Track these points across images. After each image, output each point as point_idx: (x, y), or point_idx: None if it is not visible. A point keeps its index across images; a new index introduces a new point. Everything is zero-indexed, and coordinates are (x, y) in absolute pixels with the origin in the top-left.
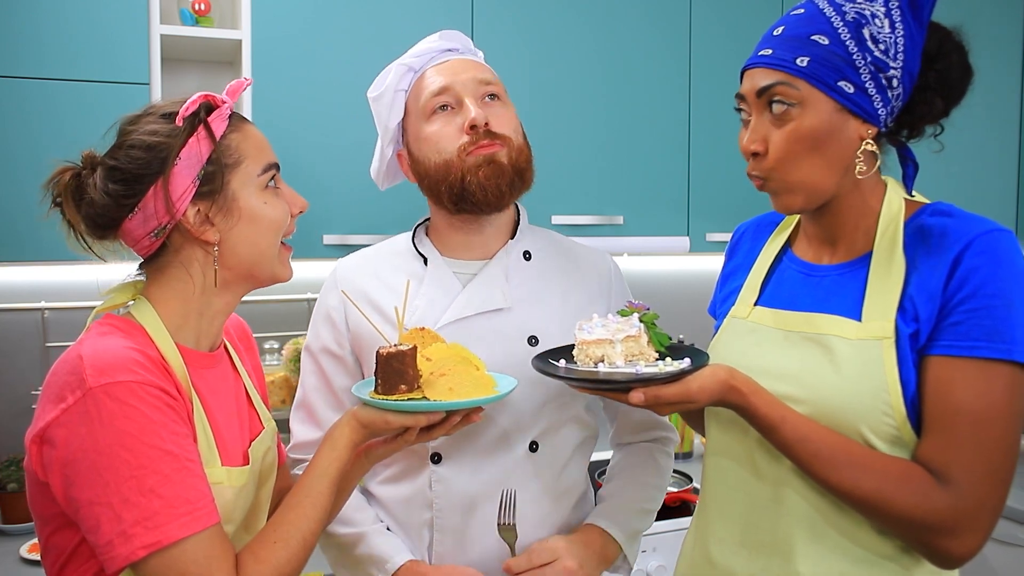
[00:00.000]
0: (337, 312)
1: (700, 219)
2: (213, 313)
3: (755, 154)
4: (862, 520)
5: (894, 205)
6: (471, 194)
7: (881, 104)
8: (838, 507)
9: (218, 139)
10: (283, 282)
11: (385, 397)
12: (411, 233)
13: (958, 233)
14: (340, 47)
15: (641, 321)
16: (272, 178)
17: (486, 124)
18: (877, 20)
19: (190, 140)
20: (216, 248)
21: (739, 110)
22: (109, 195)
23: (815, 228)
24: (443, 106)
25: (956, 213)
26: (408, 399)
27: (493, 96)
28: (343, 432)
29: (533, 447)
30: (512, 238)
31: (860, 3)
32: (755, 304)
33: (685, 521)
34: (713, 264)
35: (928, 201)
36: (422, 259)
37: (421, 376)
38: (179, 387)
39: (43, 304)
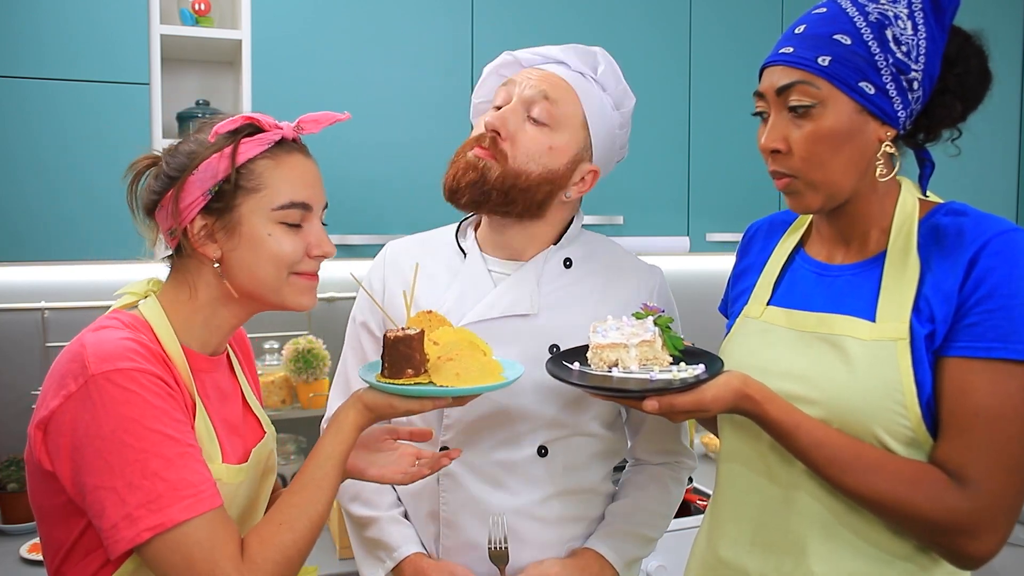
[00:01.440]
0: (376, 293)
1: (700, 219)
2: (219, 323)
3: (775, 152)
4: (876, 520)
5: (908, 205)
6: (446, 179)
7: (901, 106)
8: (851, 507)
9: (242, 161)
10: (300, 311)
11: (392, 381)
12: (455, 227)
13: (974, 233)
14: (340, 47)
15: (656, 324)
16: (297, 217)
17: (497, 133)
18: (900, 21)
19: (213, 156)
20: (217, 264)
21: (758, 109)
22: (148, 187)
23: (829, 228)
24: (499, 106)
25: (971, 212)
26: (415, 383)
27: (538, 121)
28: (348, 415)
29: (542, 452)
30: (555, 243)
31: (884, 4)
32: (768, 304)
33: (686, 521)
34: (713, 264)
35: (942, 201)
36: (462, 253)
37: (428, 360)
38: (179, 381)
39: (43, 304)
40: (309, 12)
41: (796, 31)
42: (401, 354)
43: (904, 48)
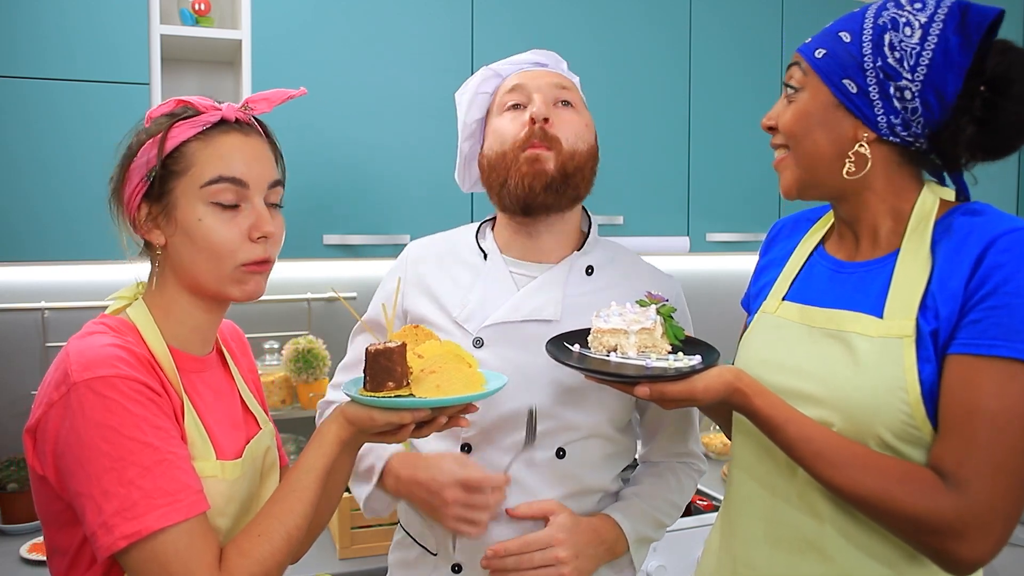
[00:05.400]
0: (390, 300)
1: (700, 219)
2: (193, 322)
3: (771, 129)
4: (878, 538)
5: (927, 204)
6: (511, 189)
7: (883, 111)
8: (850, 522)
9: (174, 145)
10: (247, 300)
11: (372, 394)
12: (476, 227)
13: (983, 230)
14: (340, 47)
15: (659, 313)
16: (231, 194)
17: (545, 120)
18: (907, 28)
19: (148, 141)
20: (159, 251)
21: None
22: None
23: (843, 226)
24: (515, 104)
25: (988, 212)
26: (395, 396)
27: (567, 103)
28: (330, 428)
29: (560, 454)
30: (579, 249)
31: (904, 10)
32: (783, 299)
33: (686, 521)
34: (713, 264)
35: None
36: (482, 254)
37: (411, 373)
38: (166, 384)
39: (43, 304)
40: (309, 12)
41: (827, 25)
42: (382, 367)
43: (897, 55)
